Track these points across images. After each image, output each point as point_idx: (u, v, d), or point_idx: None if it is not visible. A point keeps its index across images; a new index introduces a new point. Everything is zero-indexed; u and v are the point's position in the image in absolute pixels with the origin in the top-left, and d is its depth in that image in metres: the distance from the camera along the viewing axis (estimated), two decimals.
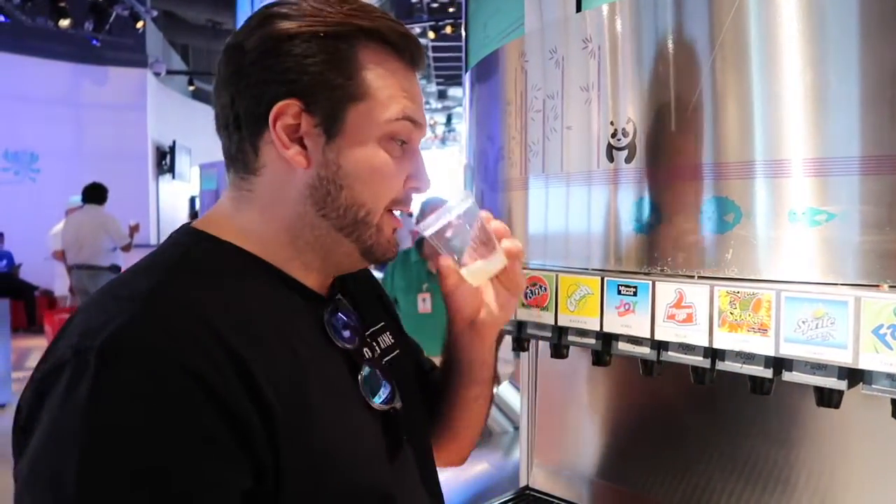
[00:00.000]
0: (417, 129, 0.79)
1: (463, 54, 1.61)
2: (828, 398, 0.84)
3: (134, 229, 6.63)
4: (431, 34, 9.51)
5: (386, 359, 0.88)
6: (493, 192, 1.34)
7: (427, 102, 13.93)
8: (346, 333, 0.81)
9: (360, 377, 0.79)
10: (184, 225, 0.80)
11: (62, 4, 8.47)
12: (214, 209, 0.80)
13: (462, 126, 1.48)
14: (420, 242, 3.48)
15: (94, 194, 6.45)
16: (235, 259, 0.75)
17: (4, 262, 8.69)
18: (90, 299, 0.70)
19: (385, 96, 0.75)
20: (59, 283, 7.80)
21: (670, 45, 0.97)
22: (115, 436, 0.58)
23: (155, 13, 9.70)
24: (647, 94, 1.00)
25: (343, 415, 0.74)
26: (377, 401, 0.79)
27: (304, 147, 0.74)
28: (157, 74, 10.33)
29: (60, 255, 6.53)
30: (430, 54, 10.46)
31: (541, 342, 1.22)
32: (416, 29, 10.41)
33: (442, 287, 0.93)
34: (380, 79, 0.75)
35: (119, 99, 9.99)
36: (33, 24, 8.66)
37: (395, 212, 0.82)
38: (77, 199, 6.74)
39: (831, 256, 0.85)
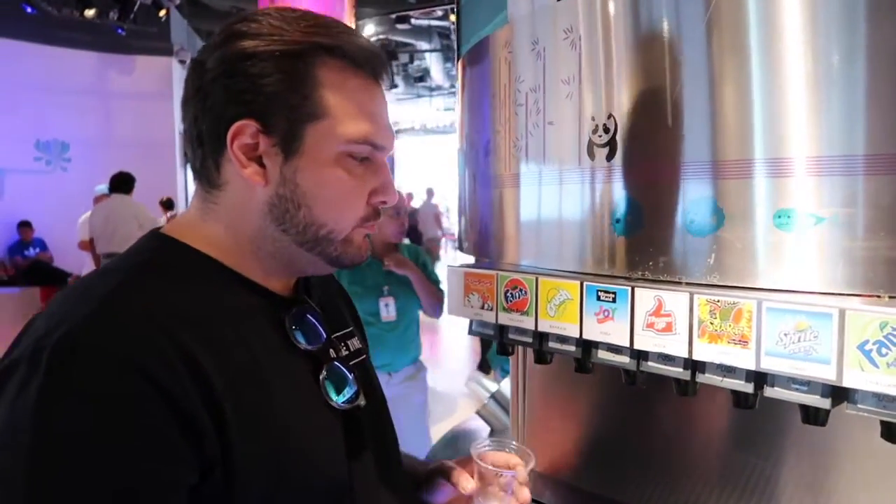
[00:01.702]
0: (380, 150, 0.79)
1: (455, 40, 1.56)
2: (813, 416, 0.79)
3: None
4: (453, 17, 9.40)
5: (353, 361, 0.88)
6: (481, 187, 1.29)
7: (452, 86, 13.84)
8: (309, 334, 0.81)
9: (321, 377, 0.79)
10: (153, 230, 0.81)
11: None
12: (183, 217, 0.82)
13: (456, 115, 1.44)
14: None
15: (122, 183, 6.49)
16: (199, 264, 0.76)
17: (37, 249, 8.89)
18: (55, 299, 0.71)
19: (344, 115, 0.75)
20: (89, 271, 7.94)
21: (653, 36, 0.91)
22: (63, 436, 0.58)
23: (178, 1, 9.74)
24: (629, 89, 0.94)
25: (300, 413, 0.75)
26: (340, 399, 0.80)
27: (262, 166, 0.74)
28: (182, 62, 10.39)
29: (87, 245, 6.59)
30: (454, 38, 10.35)
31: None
32: (438, 11, 10.31)
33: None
34: (339, 97, 0.74)
35: (145, 87, 10.08)
36: (60, 14, 8.75)
37: (366, 225, 0.81)
38: (103, 187, 6.80)
39: (822, 263, 0.79)
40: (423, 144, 20.86)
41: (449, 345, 7.44)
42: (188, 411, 0.63)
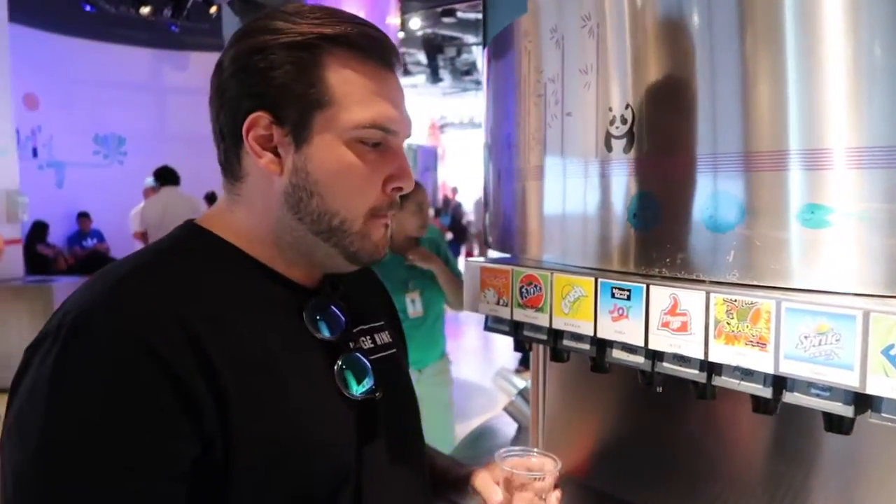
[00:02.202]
0: (391, 134, 0.78)
1: (482, 28, 1.53)
2: (837, 424, 0.74)
3: None
4: None
5: (379, 354, 0.89)
6: (503, 181, 1.27)
7: None
8: (328, 325, 0.82)
9: (336, 367, 0.80)
10: (187, 220, 0.85)
11: None
12: (213, 208, 0.85)
13: (481, 104, 1.41)
14: None
15: (171, 176, 6.65)
16: (223, 252, 0.79)
17: (95, 240, 9.22)
18: (87, 281, 0.75)
19: (351, 102, 0.76)
20: None
21: (674, 22, 0.87)
22: (72, 403, 0.64)
23: None
24: (648, 78, 0.90)
25: (309, 399, 0.76)
26: (355, 390, 0.80)
27: (277, 156, 0.76)
28: None
29: (141, 236, 6.78)
30: None
31: None
32: None
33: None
34: (345, 84, 0.76)
35: (198, 82, 10.29)
36: (116, 12, 9.01)
37: (381, 216, 0.81)
38: (150, 180, 6.98)
39: (846, 262, 0.74)
40: (470, 138, 20.80)
41: (473, 339, 7.40)
42: (188, 386, 0.66)
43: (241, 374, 0.70)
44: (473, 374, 5.49)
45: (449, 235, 10.41)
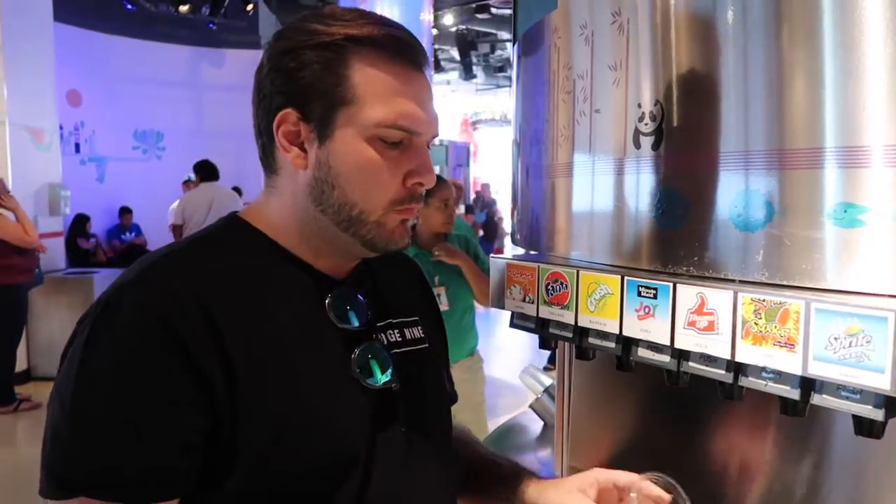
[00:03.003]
0: (413, 135, 0.81)
1: (512, 24, 1.53)
2: (867, 428, 0.73)
3: None
4: None
5: (408, 348, 0.91)
6: (530, 178, 1.26)
7: None
8: (351, 315, 0.86)
9: (352, 357, 0.83)
10: (231, 212, 0.90)
11: None
12: (255, 201, 0.90)
13: (510, 101, 1.41)
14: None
15: (211, 171, 6.73)
16: (256, 241, 0.85)
17: (133, 234, 9.43)
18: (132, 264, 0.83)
19: (373, 100, 0.79)
20: None
21: (702, 17, 0.86)
22: (95, 370, 0.71)
23: None
24: (676, 75, 0.89)
25: (322, 384, 0.80)
26: (371, 379, 0.83)
27: (304, 150, 0.81)
28: None
29: (176, 229, 6.87)
30: None
31: None
32: None
33: None
34: (368, 83, 0.79)
35: (235, 79, 10.44)
36: (156, 10, 9.21)
37: (402, 209, 0.83)
38: (190, 174, 7.08)
39: (880, 262, 0.72)
40: (503, 135, 20.73)
41: (502, 336, 7.37)
42: (201, 361, 0.71)
43: (253, 352, 0.75)
44: (503, 371, 5.48)
45: (480, 232, 10.39)
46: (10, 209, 4.82)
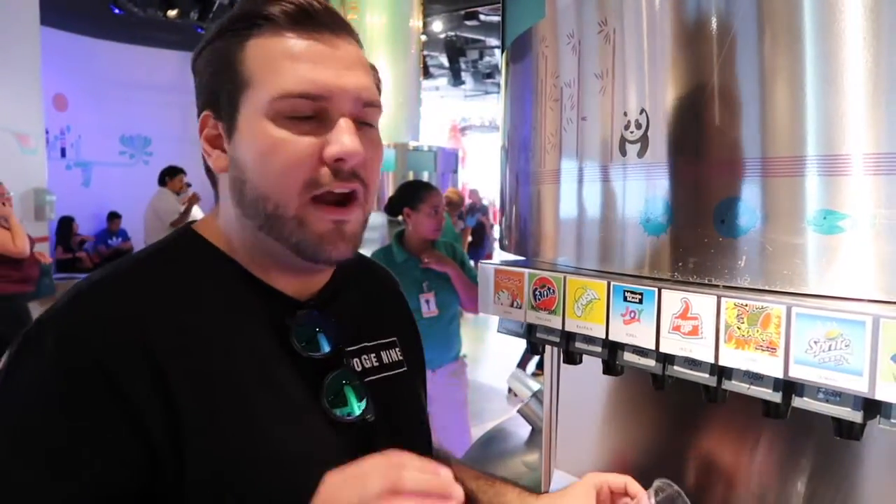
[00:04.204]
0: (321, 101, 0.71)
1: (501, 32, 1.54)
2: (847, 430, 0.74)
3: (192, 200, 6.49)
4: None
5: (384, 374, 0.84)
6: (518, 185, 1.28)
7: None
8: (315, 342, 0.77)
9: (321, 388, 0.75)
10: (186, 224, 0.83)
11: None
12: (210, 212, 0.83)
13: (499, 108, 1.42)
14: (400, 236, 2.90)
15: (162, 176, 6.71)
16: (209, 258, 0.76)
17: (120, 239, 9.38)
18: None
19: (268, 77, 0.71)
20: None
21: (687, 27, 0.88)
22: (13, 409, 0.64)
23: None
24: (662, 83, 0.91)
25: (280, 418, 0.71)
26: (342, 411, 0.75)
27: (224, 152, 0.76)
28: None
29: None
30: None
31: None
32: None
33: None
34: (262, 62, 0.71)
35: None
36: (145, 15, 9.18)
37: (324, 198, 0.72)
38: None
39: (859, 268, 0.74)
40: (491, 141, 20.80)
41: (490, 342, 7.38)
42: (136, 405, 0.63)
43: (201, 391, 0.66)
44: (490, 376, 5.50)
45: (469, 238, 10.41)
46: (3, 215, 4.64)
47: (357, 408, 0.76)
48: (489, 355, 6.85)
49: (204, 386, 0.67)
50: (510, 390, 5.20)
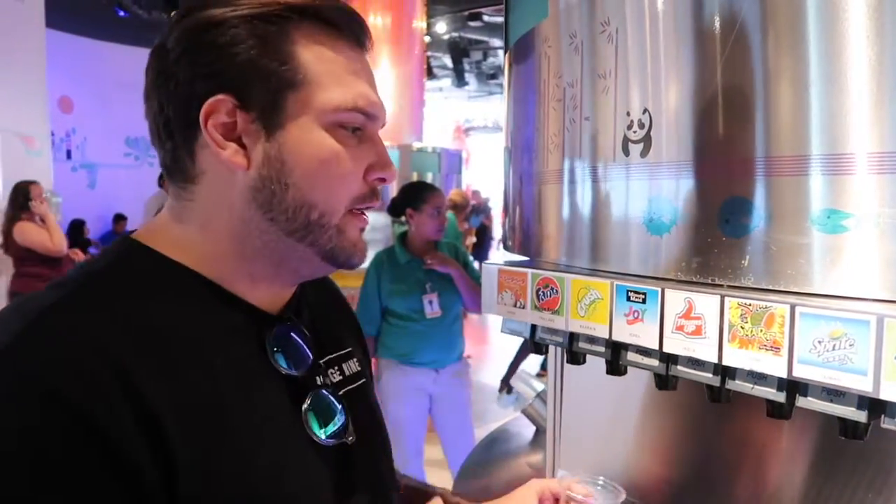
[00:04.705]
0: (371, 119, 0.70)
1: (503, 32, 1.54)
2: (852, 430, 0.74)
3: None
4: None
5: (348, 387, 0.80)
6: (521, 185, 1.28)
7: None
8: (293, 358, 0.71)
9: (303, 407, 0.70)
10: (125, 234, 0.72)
11: None
12: (154, 221, 0.72)
13: (502, 108, 1.42)
14: (403, 237, 2.89)
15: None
16: (167, 273, 0.67)
17: None
18: (3, 311, 0.62)
19: (329, 81, 0.67)
20: None
21: (690, 26, 0.88)
22: None
23: None
24: (664, 83, 0.90)
25: (273, 446, 0.66)
26: (325, 433, 0.71)
27: (242, 146, 0.66)
28: None
29: None
30: None
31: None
32: None
33: None
34: (321, 62, 0.66)
35: None
36: (149, 17, 9.20)
37: (360, 210, 0.72)
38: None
39: (863, 267, 0.74)
40: (495, 142, 20.79)
41: (494, 342, 7.38)
42: (123, 452, 0.53)
43: (188, 422, 0.58)
44: (494, 377, 5.50)
45: (473, 238, 10.41)
46: (40, 214, 4.57)
47: (329, 430, 0.71)
48: (492, 356, 6.84)
49: (191, 417, 0.59)
50: (501, 389, 5.24)
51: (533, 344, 1.13)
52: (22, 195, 4.58)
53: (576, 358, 1.06)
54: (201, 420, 0.60)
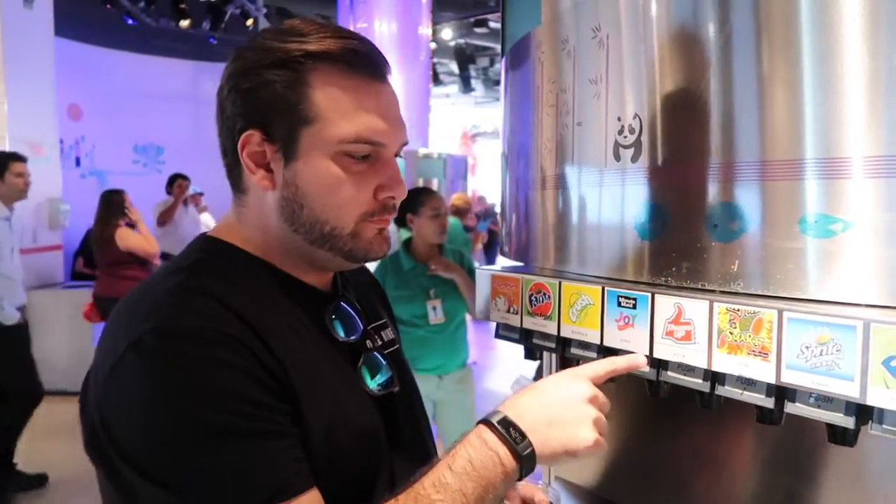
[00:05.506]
0: (379, 146, 0.81)
1: (500, 37, 1.54)
2: (840, 435, 0.74)
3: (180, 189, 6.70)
4: None
5: (387, 350, 0.94)
6: (517, 190, 1.28)
7: None
8: (347, 327, 0.88)
9: (359, 365, 0.86)
10: (201, 233, 0.89)
11: (183, 6, 9.03)
12: (223, 221, 0.89)
13: (498, 118, 1.43)
14: (407, 243, 2.92)
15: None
16: (244, 261, 0.84)
17: None
18: (126, 301, 0.78)
19: (336, 117, 0.78)
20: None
21: (680, 32, 0.88)
22: (181, 392, 0.67)
23: (265, 10, 10.11)
24: (655, 88, 0.90)
25: (345, 394, 0.81)
26: (374, 384, 0.87)
27: (270, 171, 0.80)
28: None
29: None
30: None
31: None
32: None
33: None
34: (330, 100, 0.78)
35: None
36: (157, 25, 9.28)
37: (375, 220, 0.84)
38: (195, 188, 7.16)
39: (851, 272, 0.73)
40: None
41: (496, 347, 7.35)
42: (269, 369, 0.72)
43: (295, 368, 0.75)
44: (497, 383, 5.47)
45: (480, 245, 10.41)
46: (135, 220, 4.96)
47: (378, 382, 0.88)
48: (499, 362, 6.82)
49: (296, 364, 0.75)
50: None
51: (526, 350, 1.13)
52: (118, 203, 4.99)
53: (568, 363, 1.06)
54: (302, 368, 0.76)
